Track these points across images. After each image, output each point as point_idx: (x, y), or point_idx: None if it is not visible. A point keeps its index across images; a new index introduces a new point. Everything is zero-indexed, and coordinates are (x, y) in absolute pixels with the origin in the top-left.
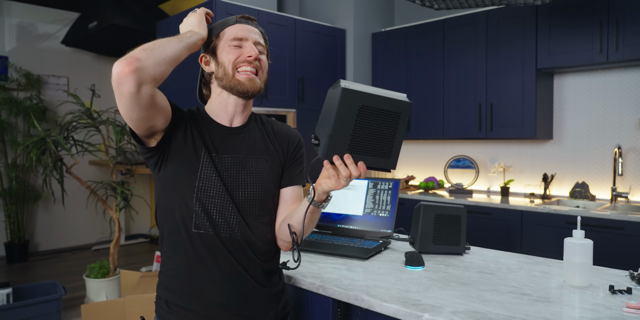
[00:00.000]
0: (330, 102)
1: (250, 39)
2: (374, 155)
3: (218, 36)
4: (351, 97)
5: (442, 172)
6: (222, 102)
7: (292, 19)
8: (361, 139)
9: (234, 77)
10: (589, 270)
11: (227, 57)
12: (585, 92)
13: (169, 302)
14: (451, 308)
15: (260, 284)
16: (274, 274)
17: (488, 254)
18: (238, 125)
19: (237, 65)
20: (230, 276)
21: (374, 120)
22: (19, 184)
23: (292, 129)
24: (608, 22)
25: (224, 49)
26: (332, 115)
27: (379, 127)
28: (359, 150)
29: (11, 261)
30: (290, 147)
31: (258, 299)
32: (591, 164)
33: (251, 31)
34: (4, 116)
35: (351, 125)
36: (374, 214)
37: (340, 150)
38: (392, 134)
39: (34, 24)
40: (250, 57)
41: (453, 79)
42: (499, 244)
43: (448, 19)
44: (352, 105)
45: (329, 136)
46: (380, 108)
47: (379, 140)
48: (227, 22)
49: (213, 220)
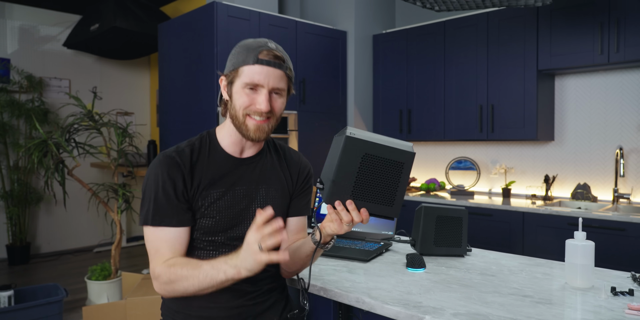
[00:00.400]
0: (335, 149)
1: (267, 84)
2: (376, 202)
3: (236, 70)
4: (355, 145)
5: (443, 173)
6: (232, 135)
7: (293, 21)
8: (364, 186)
9: (244, 122)
10: (591, 271)
11: (239, 101)
12: (586, 93)
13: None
14: (452, 310)
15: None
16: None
17: (489, 256)
18: (250, 155)
19: (247, 113)
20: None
21: (377, 168)
22: (21, 186)
23: (303, 159)
24: (609, 23)
25: (239, 90)
26: (336, 162)
27: (382, 175)
28: (361, 197)
29: (13, 263)
30: (300, 177)
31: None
32: (593, 165)
33: (270, 76)
34: (6, 118)
35: (354, 173)
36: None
37: (343, 196)
38: (395, 182)
39: (36, 26)
40: (260, 110)
41: (454, 80)
42: (500, 245)
43: (449, 21)
44: (356, 153)
45: (332, 182)
46: (384, 157)
47: (381, 188)
48: (247, 58)
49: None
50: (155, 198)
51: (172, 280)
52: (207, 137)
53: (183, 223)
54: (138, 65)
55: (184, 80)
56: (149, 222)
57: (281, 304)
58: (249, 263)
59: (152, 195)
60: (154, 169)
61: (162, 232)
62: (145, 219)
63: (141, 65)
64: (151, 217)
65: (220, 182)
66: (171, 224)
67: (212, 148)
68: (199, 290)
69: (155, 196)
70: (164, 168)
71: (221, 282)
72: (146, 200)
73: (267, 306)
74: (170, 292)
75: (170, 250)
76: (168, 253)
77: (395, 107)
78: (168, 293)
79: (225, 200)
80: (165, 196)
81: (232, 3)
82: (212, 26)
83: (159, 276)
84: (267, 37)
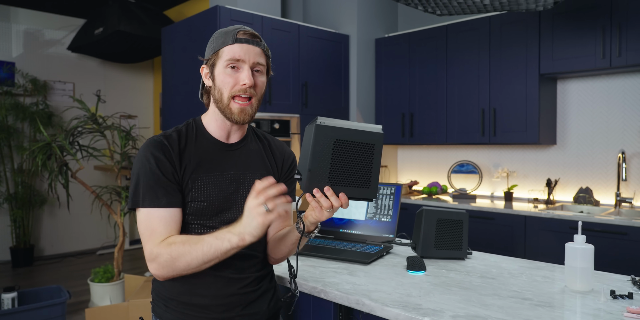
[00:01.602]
0: (307, 139)
1: (248, 60)
2: (353, 186)
3: (217, 53)
4: (325, 132)
5: (445, 177)
6: (217, 120)
7: (296, 25)
8: (339, 172)
9: (228, 105)
10: (590, 275)
11: (223, 82)
12: (588, 97)
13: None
14: (452, 312)
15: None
16: (266, 276)
17: (490, 259)
18: (235, 141)
19: (233, 94)
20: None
21: (349, 152)
22: (25, 188)
23: (287, 148)
24: (611, 28)
25: (221, 71)
26: (309, 151)
27: (355, 159)
28: (338, 182)
29: (17, 265)
30: (285, 165)
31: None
32: (595, 169)
33: (250, 52)
34: (11, 122)
35: (328, 159)
36: (376, 218)
37: (320, 183)
38: (368, 164)
39: (41, 30)
40: (245, 85)
41: (456, 84)
42: (502, 249)
43: (451, 25)
44: (327, 140)
45: (308, 171)
46: (354, 141)
47: (356, 172)
48: (226, 39)
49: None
50: (145, 180)
51: (173, 257)
52: (194, 123)
53: (175, 203)
54: (142, 68)
55: (187, 84)
56: (139, 204)
57: (270, 293)
58: (253, 227)
59: (141, 177)
60: (142, 152)
61: (156, 213)
62: (136, 201)
63: (145, 69)
64: (142, 199)
65: (209, 166)
66: (163, 204)
67: (199, 133)
68: (202, 263)
69: (145, 178)
70: (151, 150)
71: (225, 251)
72: (135, 183)
73: (257, 295)
74: (170, 271)
75: (165, 229)
76: (164, 232)
77: (397, 110)
78: (166, 273)
79: (214, 184)
80: (154, 177)
81: (235, 7)
82: (214, 30)
83: (158, 256)
84: (269, 41)
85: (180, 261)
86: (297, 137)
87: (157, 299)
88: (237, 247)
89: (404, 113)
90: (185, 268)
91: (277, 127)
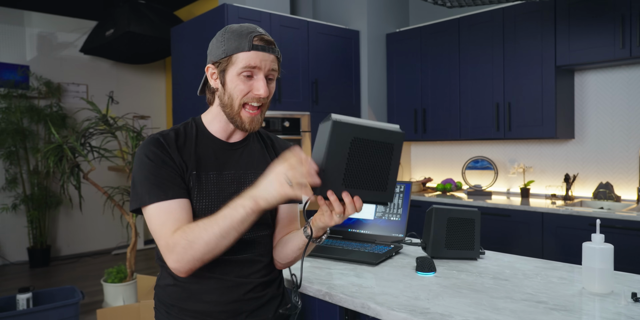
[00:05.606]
0: (322, 137)
1: (263, 68)
2: (369, 188)
3: (230, 57)
4: (343, 130)
5: (460, 173)
6: (221, 121)
7: (305, 22)
8: (355, 173)
9: (238, 113)
10: (610, 276)
11: (235, 89)
12: (607, 88)
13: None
14: (461, 317)
15: (259, 293)
16: (273, 283)
17: (503, 259)
18: (237, 140)
19: (244, 102)
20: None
21: (367, 152)
22: (41, 190)
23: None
24: (631, 16)
25: (234, 78)
26: (324, 150)
27: (373, 159)
28: (353, 184)
29: (34, 266)
30: None
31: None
32: (616, 163)
33: (266, 59)
34: (26, 124)
35: (344, 159)
36: (385, 217)
37: (334, 185)
38: (386, 166)
39: (54, 33)
40: (260, 95)
41: (469, 78)
42: (518, 247)
43: (463, 18)
44: (344, 138)
45: (322, 171)
46: (373, 140)
47: (373, 173)
48: (241, 44)
49: None
50: (146, 177)
51: (190, 240)
52: (193, 123)
53: (182, 194)
54: (154, 69)
55: (197, 83)
56: (145, 202)
57: (277, 300)
58: (270, 193)
59: (141, 176)
60: (139, 151)
61: (164, 206)
62: (142, 200)
63: (157, 69)
64: (147, 196)
65: (209, 165)
66: (170, 196)
67: (200, 132)
68: (220, 238)
69: (146, 175)
70: (149, 147)
71: (241, 220)
72: (137, 183)
73: (263, 302)
74: (190, 259)
75: (177, 220)
76: (175, 223)
77: (409, 106)
78: (186, 262)
79: (214, 183)
80: (155, 172)
81: (243, 5)
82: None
83: (174, 245)
84: (278, 39)
85: (197, 243)
86: (307, 135)
87: (159, 304)
88: (251, 212)
89: (416, 109)
90: (205, 249)
91: (288, 126)
